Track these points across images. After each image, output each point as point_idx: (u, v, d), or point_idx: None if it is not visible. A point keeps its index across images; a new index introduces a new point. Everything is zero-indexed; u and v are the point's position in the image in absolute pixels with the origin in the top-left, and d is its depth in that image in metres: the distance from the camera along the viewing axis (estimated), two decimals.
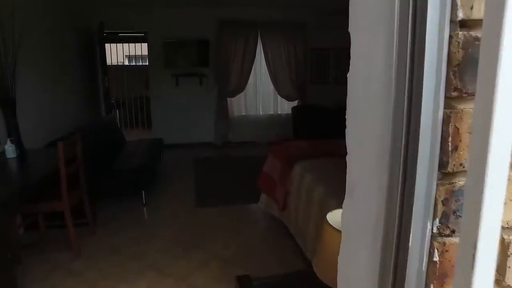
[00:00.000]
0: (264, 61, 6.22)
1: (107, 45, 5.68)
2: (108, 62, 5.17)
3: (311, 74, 6.55)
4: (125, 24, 5.74)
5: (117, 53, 7.45)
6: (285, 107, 6.60)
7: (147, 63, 6.27)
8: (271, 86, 6.39)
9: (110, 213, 3.38)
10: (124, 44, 7.39)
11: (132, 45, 7.32)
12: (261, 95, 6.47)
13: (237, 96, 6.22)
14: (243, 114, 6.45)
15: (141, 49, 5.81)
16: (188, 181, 4.34)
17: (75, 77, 4.66)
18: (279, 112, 6.59)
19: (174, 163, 5.20)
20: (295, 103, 6.49)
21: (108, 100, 5.49)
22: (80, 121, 4.38)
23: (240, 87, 6.12)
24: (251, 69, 6.11)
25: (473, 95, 0.39)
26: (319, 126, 6.08)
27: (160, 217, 3.42)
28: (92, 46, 5.35)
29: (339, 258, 0.65)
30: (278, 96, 6.44)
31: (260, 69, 6.34)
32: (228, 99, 6.19)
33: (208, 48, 5.86)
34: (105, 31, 5.26)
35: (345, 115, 0.60)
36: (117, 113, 7.21)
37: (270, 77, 6.28)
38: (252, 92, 6.42)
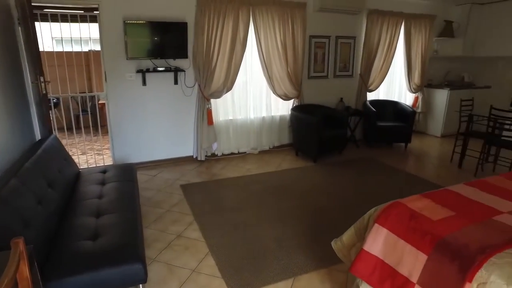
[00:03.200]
0: (256, 53, 4.89)
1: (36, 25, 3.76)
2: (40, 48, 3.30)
3: (309, 67, 5.41)
4: None
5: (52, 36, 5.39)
6: (280, 107, 5.40)
7: (97, 49, 4.47)
8: (264, 84, 5.11)
9: None
10: (59, 23, 5.31)
11: (74, 25, 5.30)
12: (252, 95, 5.16)
13: (223, 96, 4.83)
14: (230, 118, 5.09)
15: (89, 31, 4.04)
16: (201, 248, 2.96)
17: None
18: (272, 114, 5.36)
19: (152, 201, 3.71)
20: (289, 103, 5.33)
21: (43, 108, 3.57)
22: None
23: (227, 85, 4.74)
24: (241, 63, 4.74)
25: None
26: (329, 129, 5.05)
27: None
28: (10, 26, 3.43)
29: None
30: (272, 95, 5.19)
31: (251, 63, 4.99)
32: (212, 100, 4.77)
33: (186, 33, 4.33)
34: (33, 3, 3.39)
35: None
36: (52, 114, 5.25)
37: (264, 72, 4.99)
38: (242, 91, 5.06)
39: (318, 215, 3.29)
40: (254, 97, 5.16)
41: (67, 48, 6.66)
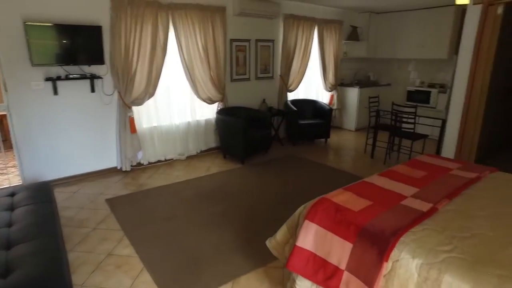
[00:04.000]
0: (178, 56, 4.81)
1: None
2: None
3: (231, 70, 5.50)
4: None
5: None
6: (205, 111, 5.39)
7: None
8: (188, 88, 5.05)
9: None
10: None
11: None
12: (176, 100, 5.06)
13: (146, 103, 4.65)
14: (155, 125, 4.92)
15: None
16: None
17: None
18: (198, 119, 5.33)
19: (75, 220, 3.42)
20: (214, 106, 5.37)
21: None
22: None
23: (149, 91, 4.58)
24: (162, 67, 4.63)
25: None
26: (254, 130, 5.20)
27: None
28: None
29: None
30: (196, 99, 5.16)
31: (173, 67, 4.89)
32: (135, 108, 4.57)
33: (101, 38, 4.07)
34: None
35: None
36: None
37: (187, 76, 4.93)
38: (165, 96, 4.93)
39: (251, 216, 3.39)
40: (178, 102, 5.07)
41: None
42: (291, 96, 6.45)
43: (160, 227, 3.15)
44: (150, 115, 4.84)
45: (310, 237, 1.98)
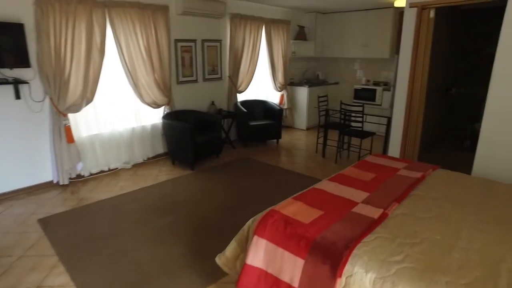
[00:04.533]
0: (118, 58, 4.48)
1: None
2: None
3: (177, 72, 5.26)
4: None
5: None
6: (150, 116, 5.10)
7: None
8: (131, 92, 4.73)
9: None
10: None
11: None
12: (119, 105, 4.72)
13: (84, 109, 4.27)
14: (95, 133, 4.54)
15: None
16: None
17: None
18: (143, 124, 5.02)
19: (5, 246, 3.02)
20: (160, 110, 5.10)
21: None
22: None
23: (87, 96, 4.21)
24: (101, 70, 4.27)
25: None
26: (204, 134, 5.02)
27: None
28: None
29: None
30: (141, 104, 4.86)
31: (114, 70, 4.55)
32: (71, 115, 4.17)
33: (24, 37, 3.64)
34: None
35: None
36: None
37: (129, 80, 4.61)
38: (106, 101, 4.57)
39: (201, 227, 3.21)
40: (121, 107, 4.73)
41: None
42: (240, 97, 6.34)
43: (101, 247, 2.87)
44: (89, 122, 4.45)
45: (261, 253, 1.87)
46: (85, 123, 4.41)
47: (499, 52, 3.28)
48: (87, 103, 4.25)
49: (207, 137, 4.95)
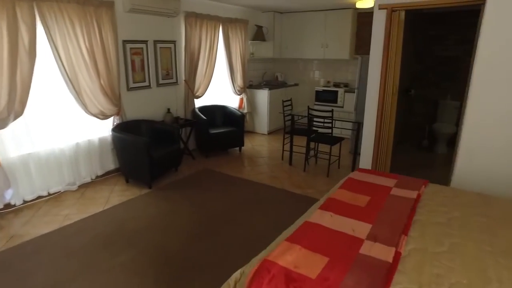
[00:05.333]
0: (55, 62, 3.79)
1: None
2: None
3: (127, 77, 4.64)
4: None
5: None
6: (98, 128, 4.44)
7: None
8: (73, 101, 4.04)
9: None
10: None
11: None
12: (58, 117, 4.01)
13: (11, 125, 3.53)
14: (29, 152, 3.80)
15: None
16: None
17: None
18: (89, 138, 4.35)
19: None
20: (109, 121, 4.46)
21: None
22: None
23: (15, 108, 3.49)
24: (32, 77, 3.56)
25: None
26: (161, 146, 4.49)
27: None
28: None
29: None
30: (86, 115, 4.18)
31: (51, 76, 3.84)
32: None
33: None
34: None
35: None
36: None
37: (69, 87, 3.93)
38: (42, 114, 3.85)
39: (167, 263, 2.73)
40: (61, 120, 4.03)
41: None
42: (198, 102, 5.84)
43: None
44: (20, 140, 3.71)
45: None
46: (14, 141, 3.66)
47: (478, 61, 3.18)
48: (16, 117, 3.52)
49: (165, 150, 4.41)
